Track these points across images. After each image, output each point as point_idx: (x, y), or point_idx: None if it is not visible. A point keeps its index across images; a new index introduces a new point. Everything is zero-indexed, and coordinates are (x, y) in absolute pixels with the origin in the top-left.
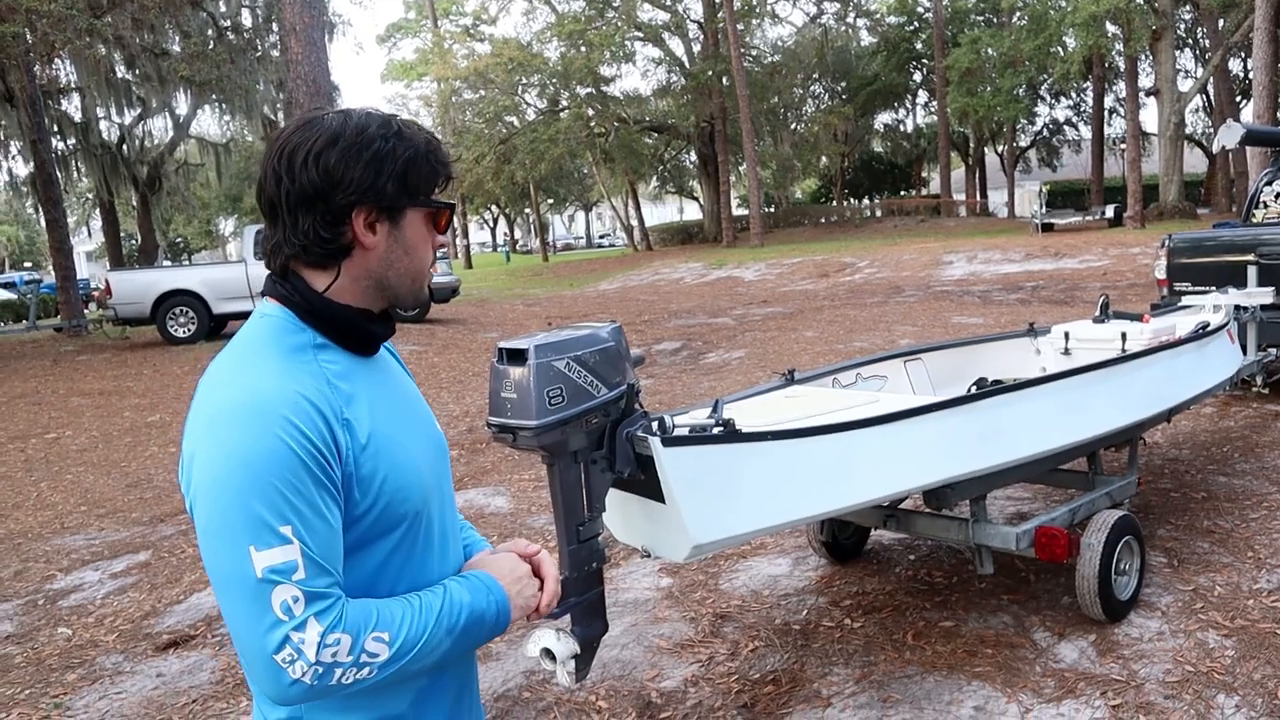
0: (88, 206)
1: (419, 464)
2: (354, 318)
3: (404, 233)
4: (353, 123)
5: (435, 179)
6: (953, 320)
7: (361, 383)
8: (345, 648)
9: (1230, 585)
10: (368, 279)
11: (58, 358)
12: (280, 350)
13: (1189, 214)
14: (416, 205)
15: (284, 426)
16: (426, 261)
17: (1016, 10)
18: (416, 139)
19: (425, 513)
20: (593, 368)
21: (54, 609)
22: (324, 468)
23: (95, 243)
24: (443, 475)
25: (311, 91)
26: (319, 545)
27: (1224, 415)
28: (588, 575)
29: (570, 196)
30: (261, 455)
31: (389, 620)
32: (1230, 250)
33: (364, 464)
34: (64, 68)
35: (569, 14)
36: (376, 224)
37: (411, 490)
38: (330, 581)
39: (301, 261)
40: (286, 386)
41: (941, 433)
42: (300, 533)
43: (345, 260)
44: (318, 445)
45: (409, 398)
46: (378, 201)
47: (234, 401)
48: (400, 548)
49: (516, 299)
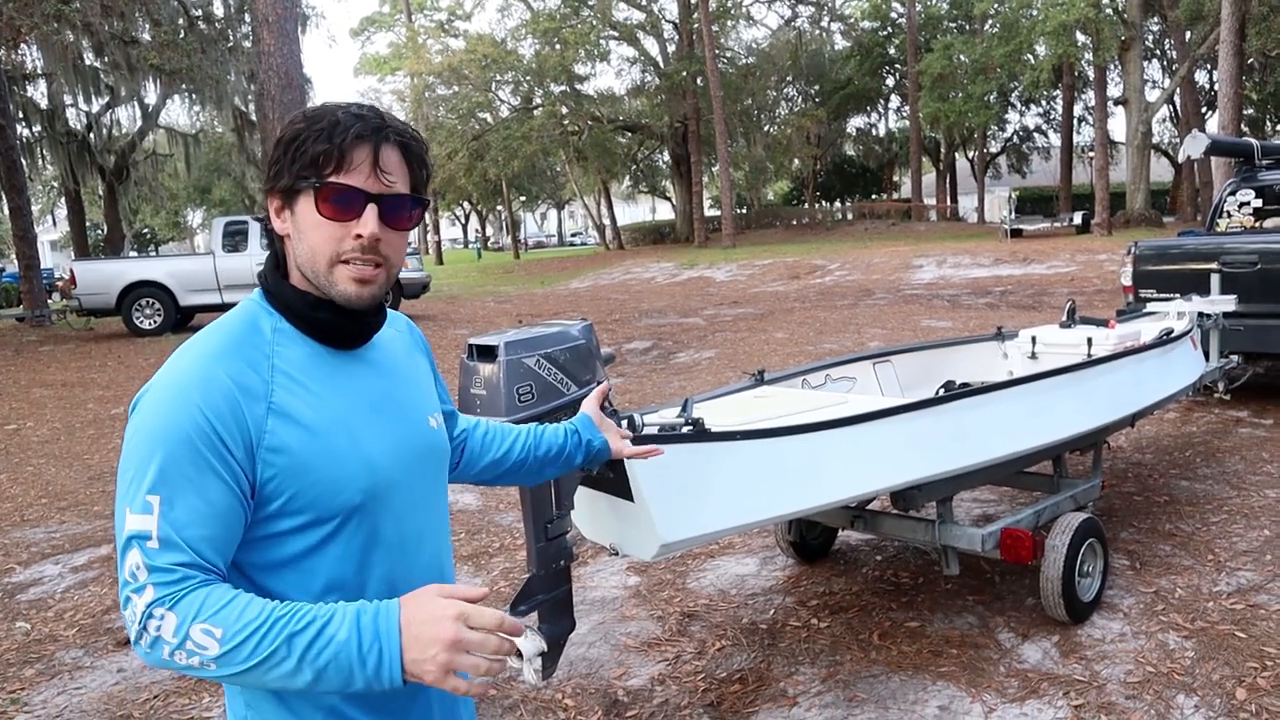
0: (53, 195)
1: (371, 460)
2: (303, 304)
3: (298, 217)
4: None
5: (314, 157)
6: (922, 323)
7: (322, 373)
8: (170, 628)
9: (1191, 588)
10: (297, 267)
11: (20, 348)
12: (227, 332)
13: (1155, 222)
14: (297, 188)
15: (186, 405)
16: (319, 246)
17: (988, 18)
18: (319, 119)
19: (370, 510)
20: (563, 365)
21: (12, 603)
22: (218, 449)
23: (60, 232)
24: (420, 473)
25: (283, 84)
26: (180, 521)
27: (1186, 421)
28: (556, 573)
29: (543, 194)
30: (158, 428)
31: (229, 619)
32: (1195, 258)
33: (289, 450)
34: (30, 53)
35: (544, 11)
36: (283, 209)
37: (348, 484)
38: (179, 559)
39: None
40: (208, 368)
41: (910, 434)
42: (164, 506)
43: (284, 247)
44: (216, 427)
45: (393, 390)
46: (272, 185)
47: (160, 377)
48: (335, 540)
49: (487, 296)
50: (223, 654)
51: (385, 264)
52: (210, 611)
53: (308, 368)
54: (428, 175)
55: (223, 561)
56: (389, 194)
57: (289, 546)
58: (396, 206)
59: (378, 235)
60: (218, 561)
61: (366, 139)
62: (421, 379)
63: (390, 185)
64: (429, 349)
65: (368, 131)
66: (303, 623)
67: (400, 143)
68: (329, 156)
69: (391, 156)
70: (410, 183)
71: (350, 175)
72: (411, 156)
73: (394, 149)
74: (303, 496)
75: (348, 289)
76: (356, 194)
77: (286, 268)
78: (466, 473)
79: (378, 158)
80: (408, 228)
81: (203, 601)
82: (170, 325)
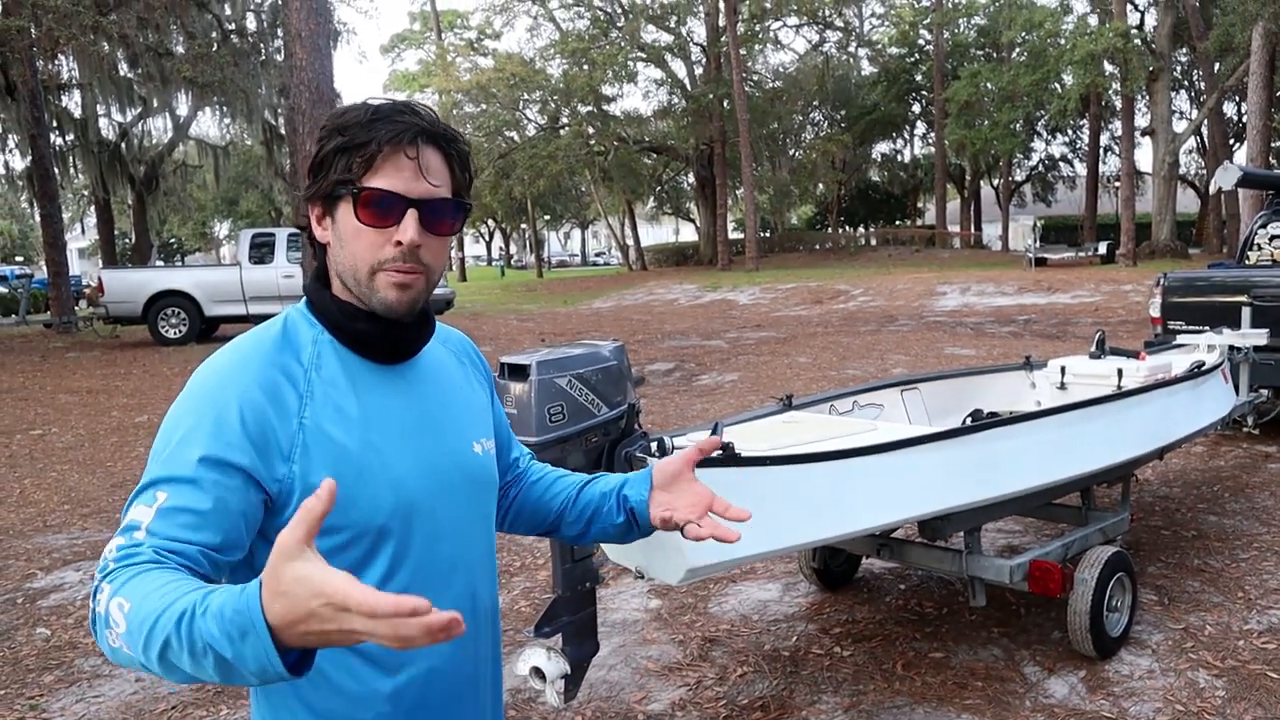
0: (83, 203)
1: (400, 481)
2: (339, 314)
3: (338, 224)
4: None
5: (352, 161)
6: (945, 351)
7: (361, 388)
8: (103, 600)
9: (1221, 625)
10: (336, 275)
11: (47, 354)
12: (267, 340)
13: (1181, 253)
14: (336, 195)
15: (212, 408)
16: (359, 254)
17: (1016, 46)
18: (357, 120)
19: (396, 534)
20: (594, 386)
21: (33, 609)
22: (240, 453)
23: (89, 239)
24: (459, 499)
25: (314, 98)
26: (177, 520)
27: (1214, 454)
28: (581, 595)
29: (567, 214)
30: (181, 428)
31: (140, 596)
32: (1224, 291)
33: (315, 464)
34: (66, 63)
35: (573, 32)
36: (325, 217)
37: (373, 504)
38: (152, 544)
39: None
40: (239, 374)
41: (939, 463)
42: (166, 501)
43: (326, 257)
44: (242, 432)
45: (436, 412)
46: (314, 193)
47: (203, 374)
48: (359, 566)
49: (510, 314)
50: (125, 632)
51: (426, 271)
52: (130, 589)
53: (346, 381)
54: (470, 178)
55: (208, 565)
56: (429, 198)
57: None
58: (437, 211)
59: (418, 242)
60: (201, 562)
61: (406, 140)
62: (474, 402)
63: (432, 189)
64: (490, 374)
65: (407, 132)
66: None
67: (441, 143)
68: (367, 161)
69: (433, 159)
70: (452, 186)
71: (389, 179)
72: (453, 158)
73: (435, 150)
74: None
75: (388, 295)
76: (395, 199)
77: (328, 277)
78: (518, 515)
79: (418, 160)
80: (449, 233)
81: (133, 576)
82: (195, 335)
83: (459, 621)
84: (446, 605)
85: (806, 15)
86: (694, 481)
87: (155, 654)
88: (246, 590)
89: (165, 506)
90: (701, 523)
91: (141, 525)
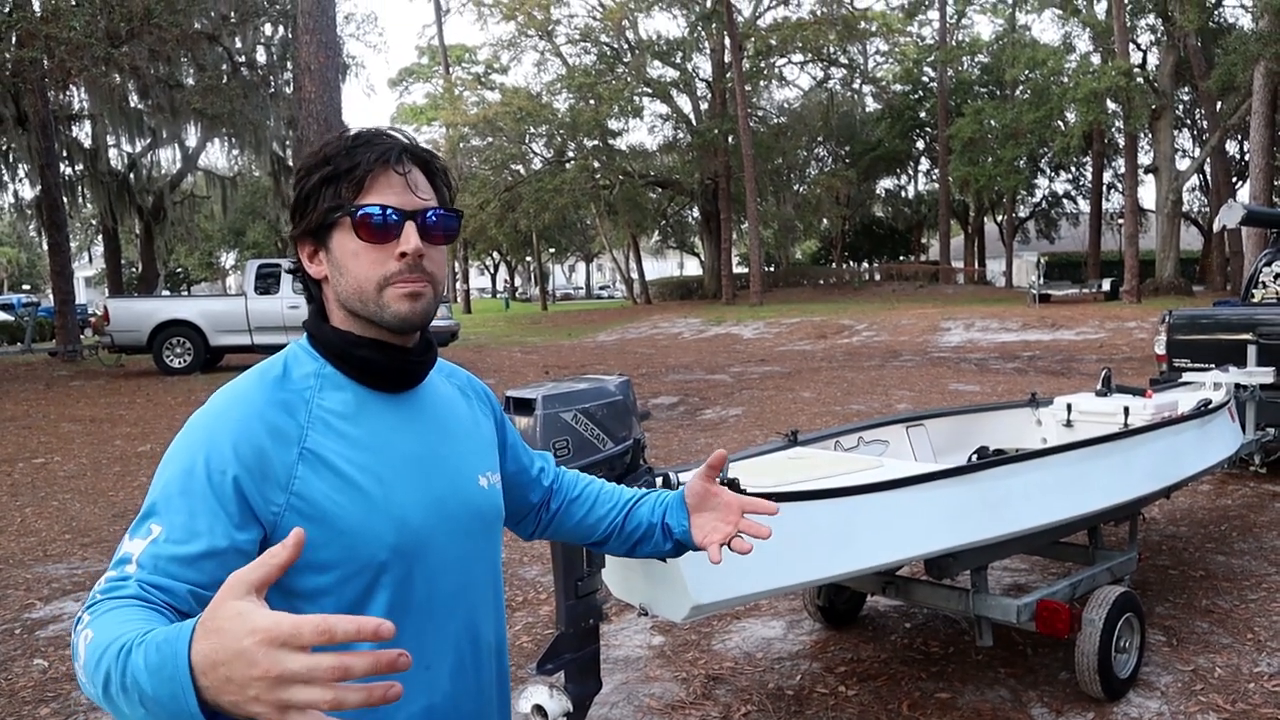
0: (91, 232)
1: (403, 515)
2: (342, 343)
3: (333, 253)
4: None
5: (341, 188)
6: (950, 387)
7: (364, 420)
8: (79, 632)
9: (1230, 667)
10: (338, 307)
11: (51, 382)
12: (266, 375)
13: (1185, 290)
14: (329, 223)
15: (211, 443)
16: (363, 274)
17: (1019, 84)
18: (334, 150)
19: (397, 570)
20: (600, 421)
21: (31, 639)
22: (231, 490)
23: (95, 268)
24: (455, 538)
25: (323, 130)
26: (168, 547)
27: (1221, 493)
28: (584, 632)
29: (572, 247)
30: (180, 465)
31: (103, 629)
32: (1230, 329)
33: (315, 499)
34: (78, 94)
35: (580, 67)
36: (317, 253)
37: (378, 540)
38: (144, 578)
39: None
40: (239, 409)
41: (945, 501)
42: (159, 535)
43: (323, 290)
44: (239, 467)
45: (439, 446)
46: (303, 232)
47: (202, 410)
48: (367, 602)
49: (514, 346)
50: (83, 664)
51: (432, 280)
52: (105, 621)
53: (349, 414)
54: (453, 195)
55: (196, 604)
56: (425, 209)
57: (313, 607)
58: (434, 221)
59: (421, 250)
60: (188, 601)
61: (393, 158)
62: (480, 437)
63: (424, 202)
64: (498, 407)
65: (392, 150)
66: (122, 641)
67: (421, 161)
68: (357, 184)
69: (419, 175)
70: (438, 201)
71: (382, 196)
72: (436, 174)
73: (418, 167)
74: (326, 549)
75: (400, 308)
76: (393, 213)
77: (325, 312)
78: (559, 530)
79: (406, 175)
80: (446, 242)
81: (109, 610)
82: (200, 365)
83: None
84: (445, 643)
85: (811, 52)
86: (722, 492)
87: (100, 689)
88: (182, 625)
89: (157, 541)
90: (743, 535)
91: (132, 559)
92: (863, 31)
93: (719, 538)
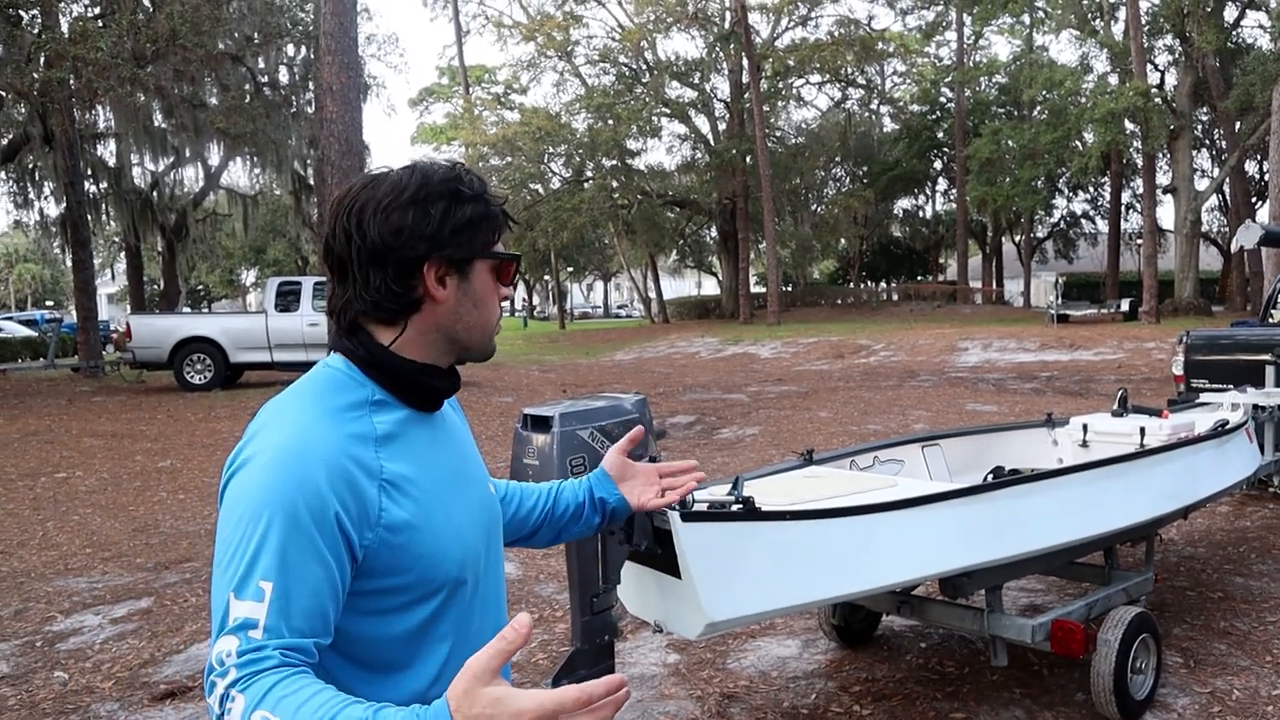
0: (114, 250)
1: (464, 533)
2: (417, 372)
3: (472, 285)
4: (418, 177)
5: (499, 229)
6: (967, 407)
7: (417, 443)
8: (238, 711)
9: (1248, 690)
10: (435, 333)
11: (73, 397)
12: (332, 403)
13: (1204, 311)
14: (484, 257)
15: (309, 482)
16: (494, 313)
17: (1037, 104)
18: (481, 190)
19: (466, 581)
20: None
21: (52, 651)
22: (333, 529)
23: (118, 285)
24: (492, 539)
25: (344, 150)
26: (292, 610)
27: (1240, 515)
28: (599, 648)
29: (590, 266)
30: (279, 504)
31: (288, 710)
32: (1248, 349)
33: (400, 527)
34: (103, 114)
35: (599, 87)
36: (446, 277)
37: (449, 558)
38: (274, 643)
39: (371, 317)
40: (326, 441)
41: (960, 520)
42: (277, 592)
43: (414, 315)
44: (338, 505)
45: (464, 460)
46: (447, 254)
47: (278, 444)
48: (441, 616)
49: (532, 364)
50: None
51: None
52: (276, 698)
53: (407, 439)
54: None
55: (325, 643)
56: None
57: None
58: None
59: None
60: (316, 647)
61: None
62: (474, 444)
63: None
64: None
65: (504, 204)
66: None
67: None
68: (498, 229)
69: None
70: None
71: (504, 247)
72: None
73: None
74: (407, 574)
75: (495, 346)
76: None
77: (380, 334)
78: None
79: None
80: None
81: (272, 685)
82: (220, 381)
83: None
84: (492, 632)
85: (829, 73)
86: (636, 465)
87: None
88: (431, 711)
89: (276, 600)
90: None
91: (258, 624)
92: (880, 52)
93: (651, 496)
